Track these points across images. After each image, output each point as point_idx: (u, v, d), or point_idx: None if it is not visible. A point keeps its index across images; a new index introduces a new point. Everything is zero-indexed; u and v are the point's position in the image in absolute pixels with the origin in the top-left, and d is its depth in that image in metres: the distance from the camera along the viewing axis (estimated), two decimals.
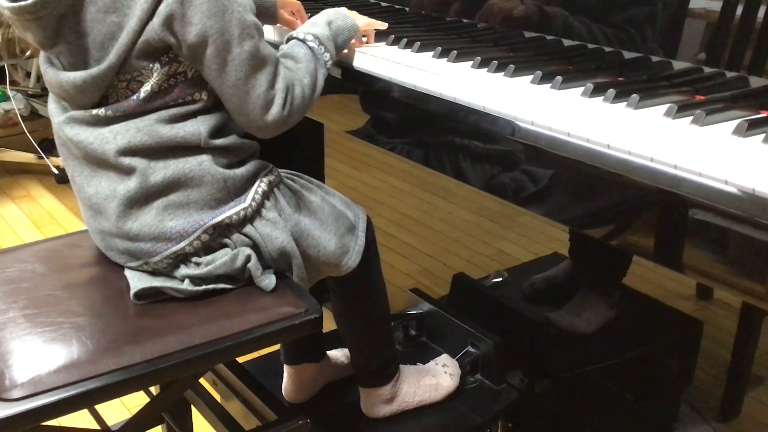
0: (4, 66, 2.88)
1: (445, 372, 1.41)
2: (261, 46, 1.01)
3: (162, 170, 1.00)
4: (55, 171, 3.00)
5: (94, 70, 0.98)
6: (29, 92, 3.21)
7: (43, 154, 3.02)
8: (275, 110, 1.04)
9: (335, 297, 1.29)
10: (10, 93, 3.07)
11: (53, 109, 1.06)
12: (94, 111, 1.01)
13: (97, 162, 1.02)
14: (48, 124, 1.08)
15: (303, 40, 1.14)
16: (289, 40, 1.16)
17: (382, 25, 1.29)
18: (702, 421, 1.30)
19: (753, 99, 0.93)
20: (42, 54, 1.04)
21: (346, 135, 1.35)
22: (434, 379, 1.40)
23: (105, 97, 1.01)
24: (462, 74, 1.09)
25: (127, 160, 1.00)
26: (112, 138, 1.00)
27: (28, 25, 0.98)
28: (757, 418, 1.24)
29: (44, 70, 1.04)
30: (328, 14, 1.20)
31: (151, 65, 0.99)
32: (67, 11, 0.97)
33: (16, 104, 3.06)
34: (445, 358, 1.44)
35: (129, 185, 1.01)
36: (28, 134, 3.01)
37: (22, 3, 0.95)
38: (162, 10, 0.95)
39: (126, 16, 0.96)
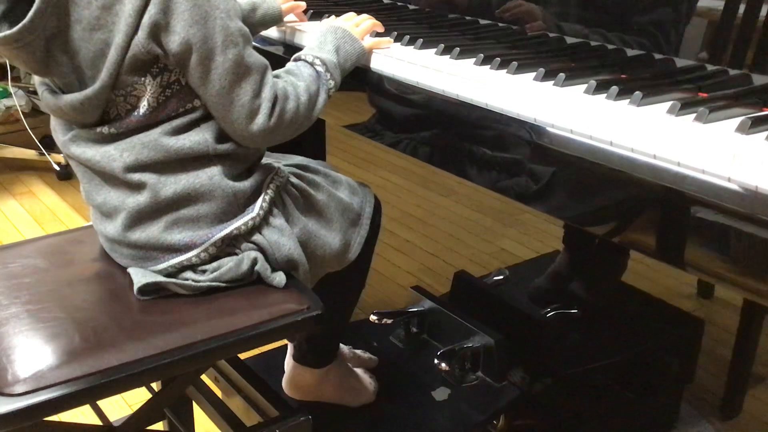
0: (5, 62, 2.88)
1: (370, 384, 1.43)
2: (246, 53, 0.99)
3: (173, 185, 1.00)
4: (57, 167, 3.00)
5: (89, 91, 0.97)
6: (31, 89, 3.21)
7: (44, 151, 3.02)
8: (261, 120, 1.01)
9: None
10: (11, 89, 3.07)
11: (56, 127, 1.05)
12: (98, 129, 1.00)
13: (106, 176, 1.02)
14: (49, 120, 1.08)
15: (311, 63, 1.12)
16: (296, 60, 1.14)
17: (388, 44, 1.25)
18: (703, 420, 1.30)
19: (756, 96, 0.93)
20: (38, 78, 1.03)
21: (347, 132, 1.35)
22: (360, 384, 1.41)
23: (106, 112, 1.00)
24: (465, 71, 1.09)
25: (136, 176, 0.99)
26: (118, 155, 0.99)
27: (17, 53, 0.96)
28: (758, 417, 1.25)
29: (41, 93, 1.02)
30: (335, 36, 1.16)
31: (142, 79, 0.97)
32: (53, 33, 0.95)
33: (17, 101, 3.06)
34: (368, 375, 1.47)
35: (139, 199, 1.00)
36: (29, 130, 3.01)
37: (7, 32, 0.93)
38: (146, 22, 0.93)
39: (112, 33, 0.95)
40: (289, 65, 1.12)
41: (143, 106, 0.98)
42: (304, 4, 1.41)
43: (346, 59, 1.16)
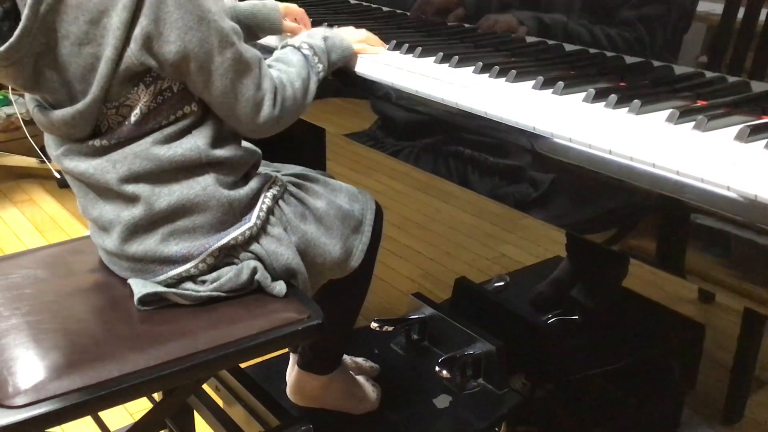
0: None
1: (373, 392, 1.43)
2: (242, 50, 1.00)
3: (167, 197, 1.00)
4: (57, 175, 3.01)
5: (80, 106, 0.96)
6: None
7: (45, 159, 3.03)
8: (266, 111, 1.04)
9: None
10: (12, 97, 3.07)
11: (49, 141, 1.05)
12: (90, 142, 1.00)
13: (101, 189, 1.02)
14: None
15: (298, 48, 1.15)
16: (284, 47, 1.17)
17: (376, 51, 1.27)
18: (705, 425, 1.30)
19: (755, 104, 0.93)
20: (28, 95, 1.02)
21: (347, 139, 1.36)
22: (363, 392, 1.41)
23: (97, 125, 1.00)
24: (463, 79, 1.09)
25: (130, 188, 0.99)
26: (111, 167, 0.99)
27: (6, 71, 0.95)
28: (760, 422, 1.24)
29: (32, 110, 1.02)
30: (324, 31, 1.21)
31: (135, 88, 0.97)
32: (41, 50, 0.94)
33: (18, 109, 3.07)
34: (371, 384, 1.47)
35: (134, 212, 1.00)
36: (30, 138, 3.02)
37: None
38: (137, 35, 0.93)
39: (101, 46, 0.94)
40: (277, 52, 1.15)
41: (135, 114, 0.98)
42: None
43: (333, 49, 1.19)
